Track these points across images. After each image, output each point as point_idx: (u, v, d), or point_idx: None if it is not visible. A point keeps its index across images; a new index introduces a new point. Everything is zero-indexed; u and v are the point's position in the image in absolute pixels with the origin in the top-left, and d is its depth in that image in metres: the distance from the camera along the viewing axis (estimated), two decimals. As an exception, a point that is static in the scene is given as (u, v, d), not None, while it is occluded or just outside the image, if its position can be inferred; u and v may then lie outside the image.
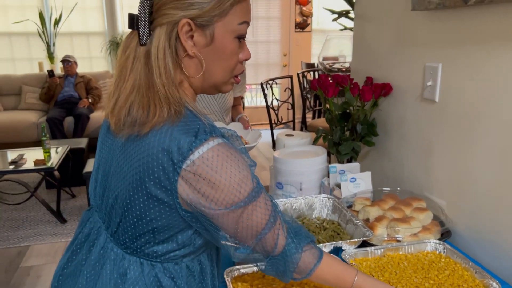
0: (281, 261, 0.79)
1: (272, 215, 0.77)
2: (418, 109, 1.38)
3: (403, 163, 1.49)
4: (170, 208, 0.75)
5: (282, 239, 0.79)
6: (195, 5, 0.73)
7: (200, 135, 0.71)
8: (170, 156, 0.71)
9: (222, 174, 0.71)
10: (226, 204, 0.72)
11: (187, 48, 0.76)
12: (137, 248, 0.81)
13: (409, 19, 1.38)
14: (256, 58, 6.26)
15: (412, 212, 1.23)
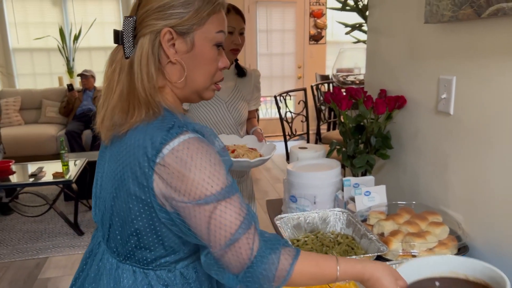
0: (259, 267, 0.75)
1: (246, 218, 0.75)
2: (432, 122, 1.37)
3: (418, 176, 1.47)
4: (148, 207, 0.77)
5: (257, 246, 0.76)
6: (175, 15, 0.78)
7: (173, 130, 0.74)
8: (145, 151, 0.74)
9: (192, 167, 0.72)
10: (195, 196, 0.72)
11: (169, 55, 0.80)
12: (128, 254, 0.83)
13: (422, 32, 1.38)
14: (270, 71, 6.30)
15: (428, 226, 1.21)
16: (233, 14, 1.86)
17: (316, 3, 6.21)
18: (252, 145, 1.88)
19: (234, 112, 1.96)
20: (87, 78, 5.15)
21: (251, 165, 1.70)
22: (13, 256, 3.08)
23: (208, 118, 1.93)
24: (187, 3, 0.79)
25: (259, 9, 6.00)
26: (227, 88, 1.96)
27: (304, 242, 1.22)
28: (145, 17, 0.79)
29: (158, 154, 0.73)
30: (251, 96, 2.06)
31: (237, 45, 1.87)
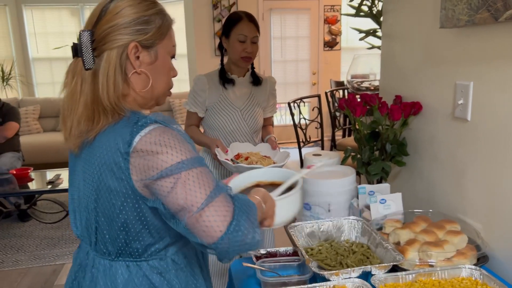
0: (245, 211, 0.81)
1: (218, 184, 0.84)
2: (449, 128, 1.34)
3: (435, 183, 1.44)
4: (131, 199, 0.84)
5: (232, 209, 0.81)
6: (140, 30, 0.87)
7: (139, 123, 0.83)
8: (117, 148, 0.82)
9: (162, 144, 0.80)
10: (171, 165, 0.79)
11: (135, 66, 0.88)
12: (119, 251, 0.89)
13: (438, 37, 1.36)
14: (285, 77, 6.30)
15: (445, 235, 1.18)
16: (245, 21, 1.84)
17: (330, 9, 6.20)
18: (265, 153, 1.87)
19: (249, 119, 1.95)
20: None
21: None
22: (30, 262, 3.12)
23: (224, 126, 1.92)
24: (150, 20, 0.89)
25: (273, 17, 6.02)
26: (242, 95, 1.95)
27: (318, 250, 1.20)
28: (110, 32, 0.86)
29: (130, 146, 0.81)
30: (266, 103, 2.04)
31: (249, 53, 1.85)
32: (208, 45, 5.68)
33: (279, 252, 1.25)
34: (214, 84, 1.93)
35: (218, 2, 5.61)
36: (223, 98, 1.93)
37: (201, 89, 1.90)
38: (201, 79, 1.92)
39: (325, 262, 1.14)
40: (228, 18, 1.90)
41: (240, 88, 1.95)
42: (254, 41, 1.85)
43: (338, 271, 1.04)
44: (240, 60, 1.87)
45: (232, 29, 1.84)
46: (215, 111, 1.93)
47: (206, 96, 1.91)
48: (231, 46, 1.86)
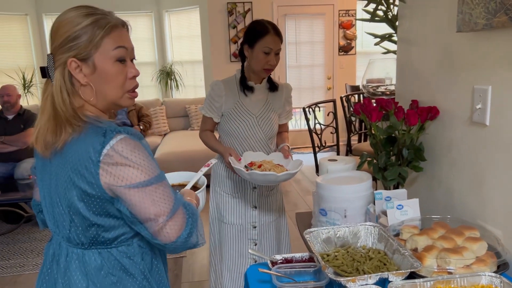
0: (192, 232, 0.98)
1: (176, 197, 0.98)
2: (467, 133, 1.32)
3: (453, 189, 1.42)
4: (100, 199, 0.95)
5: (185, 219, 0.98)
6: (73, 46, 0.94)
7: (108, 134, 0.92)
8: (89, 155, 0.91)
9: (133, 158, 0.92)
10: (140, 179, 0.92)
11: (79, 79, 0.96)
12: (92, 240, 0.99)
13: (455, 41, 1.34)
14: (299, 82, 6.29)
15: (464, 242, 1.16)
16: (272, 35, 1.83)
17: (345, 14, 6.18)
18: (278, 162, 1.86)
19: (265, 126, 1.95)
20: (121, 93, 5.32)
21: (278, 179, 1.67)
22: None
23: (239, 133, 1.93)
24: (80, 35, 0.94)
25: (288, 22, 6.04)
26: (258, 102, 1.95)
27: (335, 256, 1.19)
28: (54, 53, 0.96)
29: (101, 155, 0.91)
30: (282, 110, 2.04)
31: (271, 65, 1.85)
32: (224, 51, 5.73)
33: (295, 258, 1.25)
34: (231, 90, 1.93)
35: (233, 9, 5.65)
36: (239, 104, 1.93)
37: (218, 94, 1.91)
38: (218, 84, 1.93)
39: (342, 268, 1.13)
40: (252, 28, 1.87)
41: (257, 94, 1.96)
42: (278, 52, 1.87)
43: (355, 278, 1.03)
44: (262, 71, 1.87)
45: (258, 40, 1.83)
46: (231, 117, 1.93)
47: (223, 102, 1.92)
48: (254, 56, 1.85)
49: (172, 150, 4.66)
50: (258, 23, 1.87)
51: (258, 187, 2.03)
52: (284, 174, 1.67)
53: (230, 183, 2.04)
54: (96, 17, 0.96)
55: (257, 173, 1.66)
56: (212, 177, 2.10)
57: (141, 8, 6.26)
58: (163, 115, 5.68)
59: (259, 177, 1.67)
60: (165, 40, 6.40)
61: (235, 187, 2.04)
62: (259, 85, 1.96)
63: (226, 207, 2.05)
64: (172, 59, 6.40)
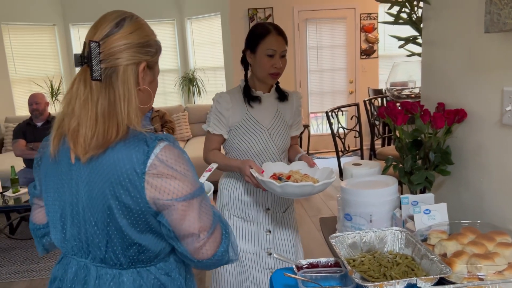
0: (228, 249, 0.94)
1: (214, 210, 0.95)
2: (497, 136, 1.29)
3: (483, 193, 1.39)
4: (144, 214, 0.88)
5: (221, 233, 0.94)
6: (149, 52, 0.96)
7: (150, 142, 0.87)
8: (133, 167, 0.85)
9: (178, 168, 0.87)
10: (186, 192, 0.87)
11: (141, 83, 0.94)
12: (132, 258, 0.92)
13: (482, 42, 1.32)
14: (321, 86, 6.27)
15: (495, 247, 1.13)
16: (274, 35, 1.67)
17: (367, 17, 6.14)
18: (303, 171, 1.69)
19: (277, 139, 1.78)
20: (145, 99, 5.41)
21: (314, 190, 1.49)
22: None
23: (249, 148, 1.75)
24: (153, 44, 0.97)
25: (309, 27, 6.03)
26: (268, 113, 1.78)
27: (361, 262, 1.18)
28: (125, 49, 0.90)
29: (146, 165, 0.85)
30: (293, 121, 1.88)
31: (278, 69, 1.69)
32: (245, 57, 5.78)
33: (321, 263, 1.25)
34: (237, 102, 1.75)
35: (254, 15, 5.69)
36: (248, 117, 1.75)
37: (225, 108, 1.72)
38: (223, 97, 1.75)
39: (368, 273, 1.12)
40: (252, 31, 1.72)
41: (266, 105, 1.79)
42: (283, 54, 1.69)
43: (382, 283, 1.02)
44: (268, 76, 1.70)
45: (259, 43, 1.67)
46: (240, 132, 1.74)
47: (230, 115, 1.73)
48: (258, 61, 1.69)
49: (195, 156, 4.71)
50: (257, 25, 1.72)
51: (272, 207, 1.84)
52: (322, 185, 1.49)
53: (240, 205, 1.83)
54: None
55: (293, 185, 1.45)
56: (219, 199, 1.89)
57: (164, 16, 6.38)
58: (185, 121, 5.75)
59: (295, 190, 1.46)
60: (187, 47, 6.49)
61: (246, 209, 1.83)
62: (267, 94, 1.79)
63: (236, 232, 1.84)
64: (194, 65, 6.48)
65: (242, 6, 5.65)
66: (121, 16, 0.93)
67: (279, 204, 1.86)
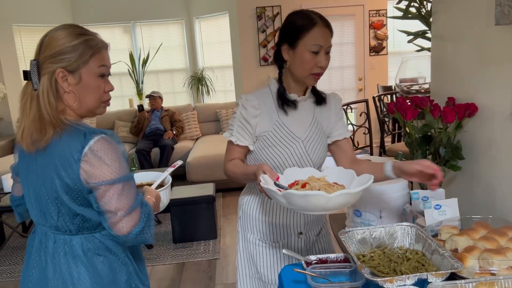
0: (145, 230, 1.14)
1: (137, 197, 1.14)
2: (508, 129, 1.27)
3: (494, 188, 1.37)
4: (81, 192, 1.10)
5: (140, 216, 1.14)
6: (65, 59, 1.10)
7: (87, 135, 1.08)
8: (71, 154, 1.07)
9: (106, 158, 1.07)
10: (110, 177, 1.07)
11: (64, 87, 1.11)
12: (78, 226, 1.14)
13: (493, 35, 1.30)
14: (330, 84, 6.24)
15: (507, 242, 1.12)
16: (320, 27, 1.35)
17: (375, 14, 6.09)
18: (336, 179, 1.28)
19: (314, 152, 1.45)
20: (155, 99, 5.44)
21: (330, 203, 1.10)
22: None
23: (280, 163, 1.42)
24: (73, 50, 1.10)
25: (317, 24, 6.01)
26: (302, 120, 1.45)
27: (371, 257, 1.17)
28: (44, 61, 1.10)
29: (81, 153, 1.07)
30: (332, 126, 1.50)
31: (322, 68, 1.36)
32: (253, 56, 5.76)
33: (330, 259, 1.24)
34: (266, 107, 1.43)
35: (262, 13, 5.68)
36: (279, 125, 1.42)
37: (253, 115, 1.41)
38: (250, 101, 1.42)
39: (378, 269, 1.11)
40: (292, 22, 1.38)
41: (301, 111, 1.45)
42: (328, 51, 1.38)
43: (392, 278, 1.01)
44: (309, 77, 1.37)
45: (302, 36, 1.34)
46: (268, 143, 1.42)
47: (257, 123, 1.42)
48: (298, 58, 1.36)
49: (204, 154, 4.73)
50: (299, 14, 1.38)
51: (304, 231, 1.51)
52: (339, 195, 1.09)
53: (267, 228, 1.50)
54: (87, 38, 1.13)
55: (295, 194, 1.10)
56: (242, 221, 1.57)
57: (172, 16, 6.40)
58: (194, 120, 5.77)
59: (299, 201, 1.11)
60: (196, 46, 6.51)
61: (273, 233, 1.50)
62: (303, 97, 1.45)
63: (263, 261, 1.51)
64: (202, 65, 6.50)
65: (250, 5, 5.65)
66: (46, 34, 1.14)
67: (313, 226, 1.53)
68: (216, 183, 4.01)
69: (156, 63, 6.39)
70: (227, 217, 4.07)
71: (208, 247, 3.45)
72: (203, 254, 3.32)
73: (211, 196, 3.53)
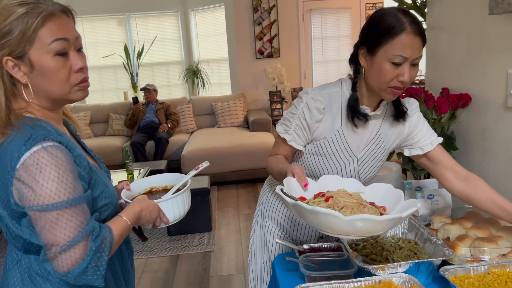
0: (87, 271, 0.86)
1: (85, 229, 0.86)
2: (502, 119, 1.28)
3: (487, 178, 1.37)
4: (16, 210, 0.87)
5: (85, 254, 0.86)
6: (5, 43, 0.84)
7: (28, 142, 0.83)
8: (7, 165, 0.84)
9: (39, 178, 0.82)
10: (42, 203, 0.82)
11: (19, 78, 0.87)
12: (24, 247, 0.92)
13: (487, 24, 1.30)
14: (326, 77, 6.23)
15: (499, 231, 1.12)
16: (409, 34, 1.09)
17: (372, 7, 6.07)
18: (375, 199, 1.07)
19: (365, 170, 1.30)
20: (149, 91, 5.41)
21: (346, 226, 0.90)
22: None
23: (331, 174, 1.27)
24: (11, 29, 0.83)
25: (313, 17, 5.99)
26: (365, 137, 1.27)
27: (363, 246, 1.18)
28: None
29: (15, 167, 0.83)
30: (413, 137, 1.28)
31: (403, 83, 1.12)
32: (249, 48, 5.74)
33: (323, 247, 1.24)
34: (331, 110, 1.25)
35: (258, 5, 5.65)
36: (339, 136, 1.25)
37: (316, 119, 1.23)
38: (318, 102, 1.23)
39: (371, 257, 1.12)
40: (376, 22, 1.15)
41: (367, 126, 1.26)
42: (416, 62, 1.13)
43: (384, 266, 1.01)
44: (386, 90, 1.15)
45: (384, 43, 1.11)
46: (322, 152, 1.27)
47: (317, 127, 1.25)
48: (376, 67, 1.14)
49: (199, 147, 4.72)
50: (387, 14, 1.13)
51: (325, 236, 1.37)
52: (358, 220, 0.88)
53: (288, 223, 1.40)
54: (27, 7, 0.84)
55: (303, 207, 0.93)
56: (263, 206, 1.46)
57: (167, 8, 6.36)
58: (190, 113, 5.75)
59: (310, 217, 0.95)
60: (191, 39, 6.48)
61: (294, 229, 1.39)
62: (375, 113, 1.24)
63: (277, 251, 1.42)
64: (198, 57, 6.47)
65: (246, -3, 5.63)
66: None
67: None
68: (211, 176, 4.01)
69: (151, 55, 6.36)
70: (222, 210, 4.07)
71: (202, 240, 3.45)
72: (197, 247, 3.32)
73: (206, 189, 3.52)
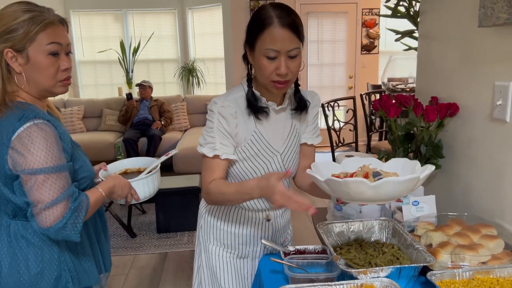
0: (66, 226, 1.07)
1: (67, 191, 1.07)
2: (487, 130, 1.30)
3: (471, 187, 1.40)
4: (9, 178, 1.08)
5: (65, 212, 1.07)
6: (10, 38, 1.07)
7: (22, 120, 1.05)
8: (2, 137, 1.05)
9: (31, 147, 1.04)
10: (32, 167, 1.03)
11: (14, 68, 1.10)
12: (14, 212, 1.13)
13: (476, 36, 1.32)
14: (321, 81, 6.26)
15: (480, 239, 1.15)
16: (275, 27, 1.11)
17: (369, 12, 6.11)
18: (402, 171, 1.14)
19: (290, 164, 1.32)
20: (144, 88, 5.40)
21: (372, 191, 0.98)
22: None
23: (260, 175, 1.26)
24: (17, 28, 1.06)
25: (310, 20, 6.02)
26: (280, 129, 1.28)
27: (347, 249, 1.20)
28: None
29: (10, 139, 1.04)
30: (304, 130, 1.36)
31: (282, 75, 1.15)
32: (245, 49, 5.76)
33: (308, 250, 1.26)
34: (242, 114, 1.23)
35: (256, 6, 5.67)
36: (257, 136, 1.25)
37: (234, 123, 1.21)
38: (228, 107, 1.21)
39: (354, 261, 1.13)
40: (252, 18, 1.18)
41: (279, 119, 1.28)
42: (292, 55, 1.13)
43: (366, 270, 1.03)
44: (270, 84, 1.17)
45: (257, 38, 1.14)
46: (245, 155, 1.25)
47: (237, 132, 1.23)
48: (256, 62, 1.17)
49: (192, 146, 4.72)
50: (260, 9, 1.16)
51: (272, 239, 1.39)
52: (383, 182, 0.97)
53: (231, 239, 1.36)
54: (33, 14, 1.08)
55: (336, 181, 1.01)
56: (203, 230, 1.41)
57: (165, 6, 6.35)
58: (184, 111, 5.75)
59: (342, 189, 1.02)
60: (188, 37, 6.47)
61: (238, 243, 1.37)
62: (281, 106, 1.27)
63: (226, 274, 1.37)
64: (194, 56, 6.47)
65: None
66: None
67: (279, 237, 1.43)
68: (202, 175, 4.01)
69: (147, 52, 6.35)
70: (212, 209, 4.07)
71: (192, 238, 3.46)
72: (186, 245, 3.33)
73: (197, 187, 3.53)
